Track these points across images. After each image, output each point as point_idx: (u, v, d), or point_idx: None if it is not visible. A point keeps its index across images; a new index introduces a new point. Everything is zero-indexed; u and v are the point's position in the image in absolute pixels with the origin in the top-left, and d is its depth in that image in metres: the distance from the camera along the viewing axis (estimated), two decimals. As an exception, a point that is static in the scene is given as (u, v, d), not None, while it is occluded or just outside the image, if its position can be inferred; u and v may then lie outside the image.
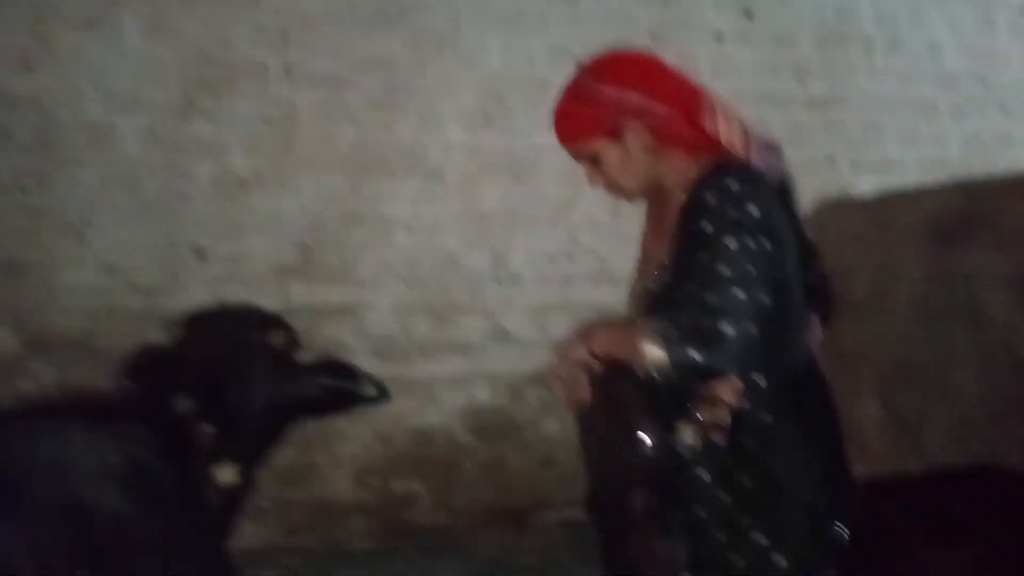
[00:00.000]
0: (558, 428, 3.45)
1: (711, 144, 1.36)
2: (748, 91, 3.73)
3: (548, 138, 2.91)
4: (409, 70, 3.28)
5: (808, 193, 3.43)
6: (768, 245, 1.27)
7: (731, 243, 1.24)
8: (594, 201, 1.63)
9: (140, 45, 2.98)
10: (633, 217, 1.51)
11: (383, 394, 1.80)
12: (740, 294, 1.22)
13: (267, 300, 3.07)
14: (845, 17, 3.87)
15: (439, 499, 3.37)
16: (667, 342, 1.22)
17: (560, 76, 1.42)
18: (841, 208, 2.93)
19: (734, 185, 1.28)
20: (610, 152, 1.40)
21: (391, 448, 3.33)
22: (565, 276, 3.50)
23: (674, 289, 1.33)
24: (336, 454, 3.26)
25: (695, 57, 3.66)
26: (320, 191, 3.19)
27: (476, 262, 3.40)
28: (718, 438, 1.37)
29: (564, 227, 3.49)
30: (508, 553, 3.08)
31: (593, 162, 1.42)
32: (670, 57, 1.43)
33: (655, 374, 1.24)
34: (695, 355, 1.21)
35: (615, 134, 1.38)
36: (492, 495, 3.43)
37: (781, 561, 1.34)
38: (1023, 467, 1.80)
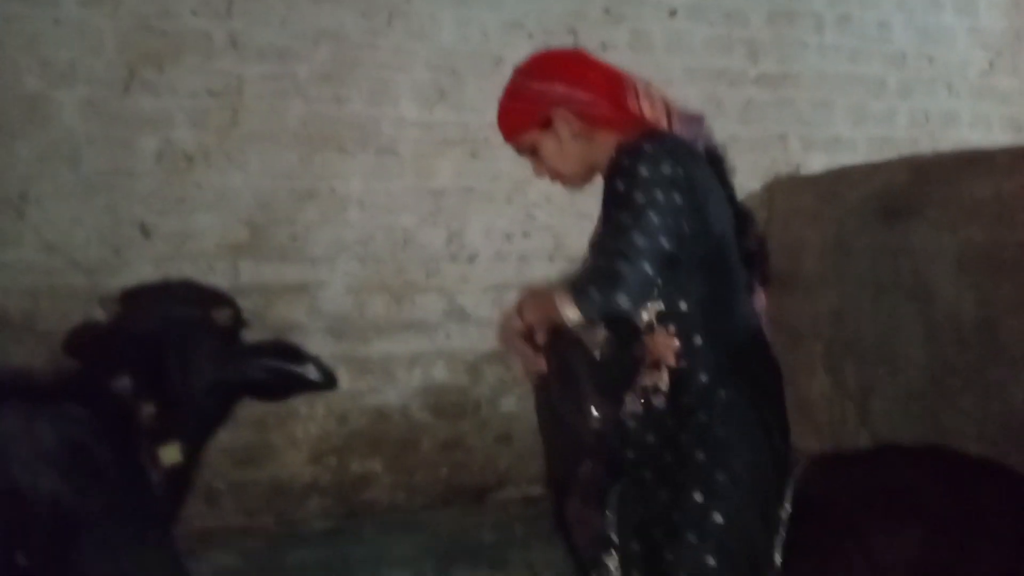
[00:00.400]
0: (516, 405, 3.49)
1: (636, 122, 1.49)
2: (700, 68, 3.80)
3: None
4: (360, 43, 3.25)
5: (759, 170, 3.56)
6: (679, 200, 1.37)
7: (638, 196, 1.35)
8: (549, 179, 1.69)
9: (78, 14, 2.89)
10: (588, 195, 1.57)
11: (329, 380, 1.80)
12: (638, 239, 1.33)
13: (216, 278, 3.06)
14: (795, -6, 3.96)
15: (397, 478, 3.39)
16: (574, 292, 1.32)
17: (514, 51, 1.47)
18: (791, 185, 3.00)
19: (648, 148, 1.40)
20: (545, 141, 1.53)
21: (348, 427, 3.33)
22: (521, 254, 3.53)
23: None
24: (292, 434, 3.25)
25: (648, 33, 3.70)
26: (269, 167, 3.15)
27: (432, 240, 3.41)
28: (658, 401, 1.45)
29: (520, 204, 3.52)
30: (467, 530, 3.11)
31: (533, 154, 1.55)
32: (623, 34, 1.48)
33: (575, 326, 1.33)
34: (595, 295, 1.31)
35: (546, 124, 1.51)
36: (450, 473, 3.46)
37: (718, 518, 1.39)
38: (967, 439, 1.88)
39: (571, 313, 1.32)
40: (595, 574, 1.51)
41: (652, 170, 1.36)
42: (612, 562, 1.48)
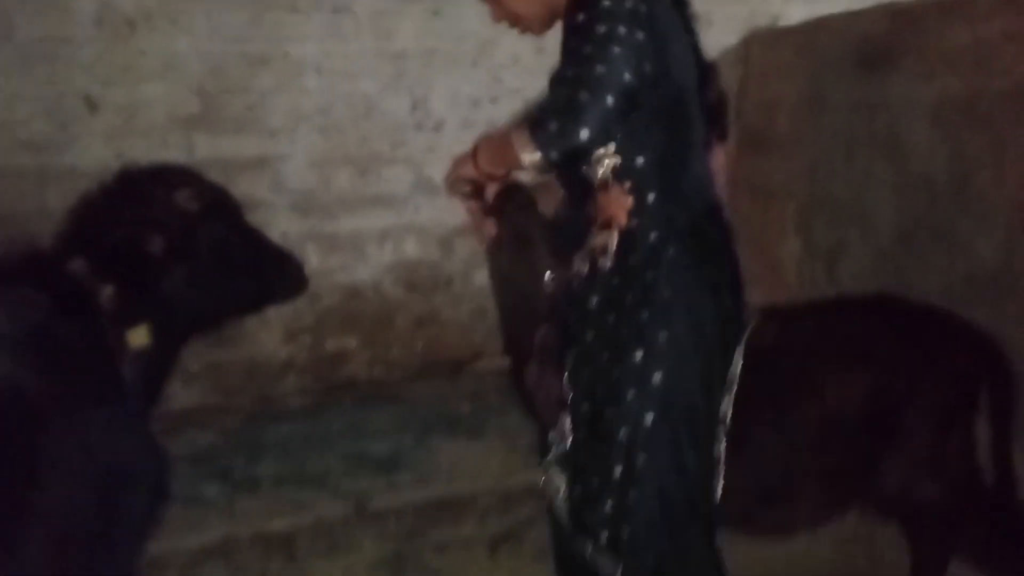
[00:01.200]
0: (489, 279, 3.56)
1: None
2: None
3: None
4: None
5: (737, 22, 3.48)
6: (640, 36, 1.35)
7: (600, 27, 1.32)
8: (517, 38, 1.63)
9: None
10: (558, 55, 1.50)
11: (298, 286, 1.78)
12: (600, 68, 1.30)
13: (171, 153, 2.99)
14: None
15: (373, 354, 3.47)
16: (531, 127, 1.31)
17: None
18: (769, 38, 2.97)
19: None
20: None
21: (321, 305, 3.37)
22: (490, 120, 3.46)
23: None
24: (264, 314, 3.25)
25: None
26: (217, 30, 2.99)
27: (395, 107, 3.33)
28: (605, 262, 1.46)
29: (487, 67, 3.43)
30: (444, 401, 3.22)
31: (494, 4, 1.50)
32: None
33: (535, 165, 1.33)
34: (554, 128, 1.29)
35: None
36: (426, 347, 3.56)
37: (658, 377, 1.43)
38: (932, 294, 1.97)
39: (528, 153, 1.30)
40: (552, 434, 1.57)
41: (615, 4, 1.33)
42: (567, 423, 1.54)
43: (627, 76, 1.31)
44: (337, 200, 3.33)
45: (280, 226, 3.20)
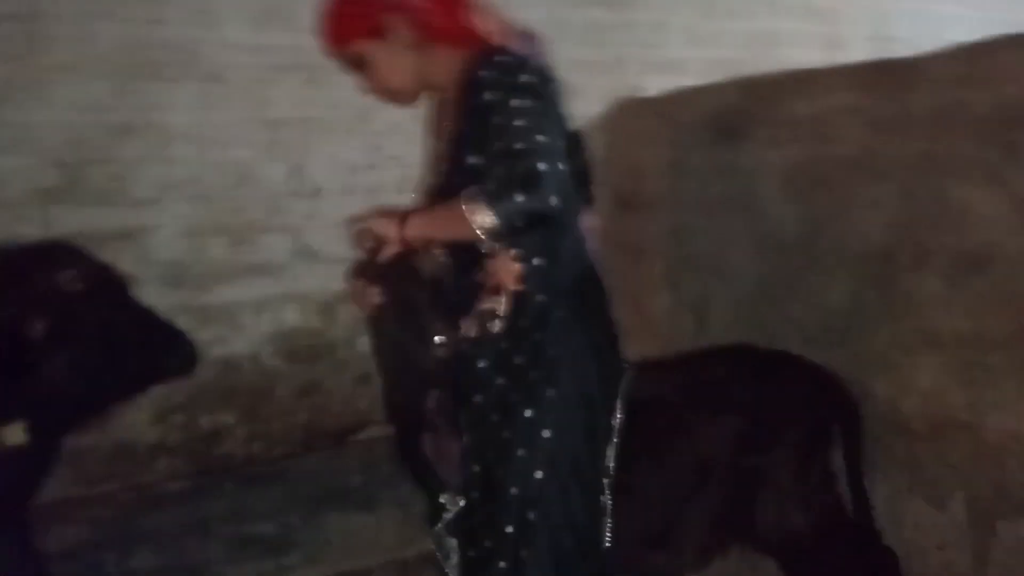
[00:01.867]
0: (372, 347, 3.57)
1: (472, 37, 1.52)
2: (543, -12, 3.90)
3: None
4: (175, -45, 3.07)
5: (602, 92, 3.73)
6: (548, 107, 1.44)
7: (517, 102, 1.40)
8: (395, 106, 1.71)
9: None
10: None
11: (188, 363, 1.75)
12: (541, 138, 1.37)
13: (28, 228, 2.86)
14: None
15: (252, 429, 3.38)
16: (490, 199, 1.34)
17: None
18: (631, 107, 3.18)
19: (504, 60, 1.45)
20: (376, 52, 1.51)
21: (194, 381, 3.25)
22: (369, 186, 3.53)
23: (466, 161, 1.46)
24: (131, 393, 3.15)
25: None
26: (77, 100, 2.94)
27: (271, 174, 3.34)
28: (493, 325, 1.51)
29: (364, 134, 3.50)
30: (331, 474, 3.17)
31: (361, 66, 1.54)
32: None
33: (487, 236, 1.36)
34: (520, 199, 1.33)
35: (379, 32, 1.50)
36: (310, 418, 3.50)
37: (547, 432, 1.49)
38: (792, 341, 2.17)
39: (484, 221, 1.33)
40: (445, 498, 1.58)
41: (516, 80, 1.41)
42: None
43: (562, 143, 1.41)
44: (210, 270, 3.27)
45: (148, 299, 3.08)
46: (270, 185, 3.33)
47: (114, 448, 3.11)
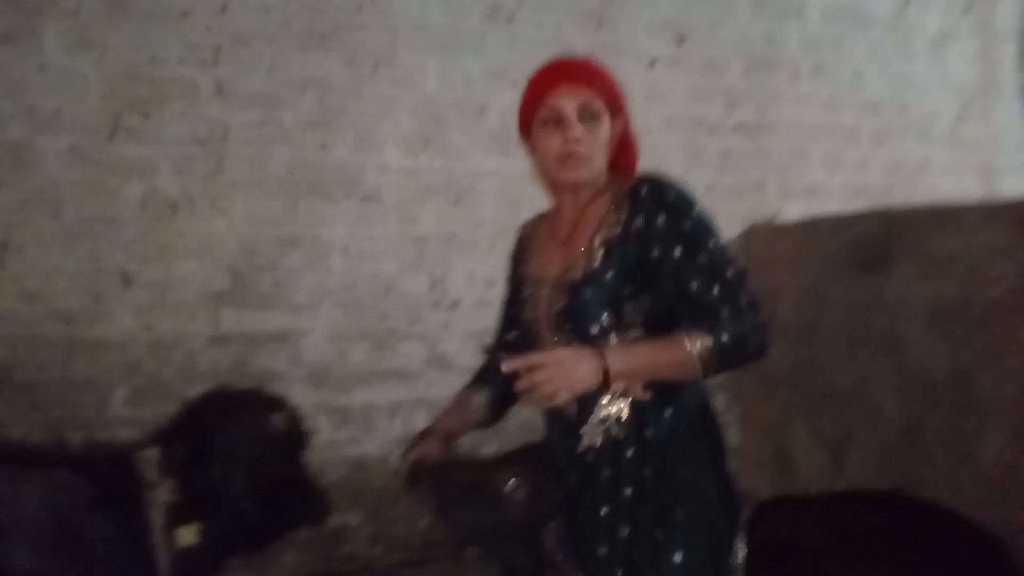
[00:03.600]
0: (495, 453, 3.64)
1: (627, 165, 1.64)
2: (680, 116, 4.06)
3: (486, 161, 3.09)
4: (345, 90, 3.43)
5: (737, 217, 3.80)
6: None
7: (715, 240, 1.49)
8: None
9: (63, 60, 3.03)
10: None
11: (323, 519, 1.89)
12: (749, 291, 1.48)
13: (197, 327, 3.19)
14: (772, 44, 4.25)
15: (377, 530, 3.49)
16: (725, 350, 1.44)
17: (498, 99, 1.57)
18: (768, 233, 3.22)
19: (686, 195, 1.53)
20: (604, 123, 1.58)
21: (326, 479, 3.40)
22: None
23: (655, 286, 1.51)
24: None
25: (628, 81, 3.86)
26: (253, 214, 3.30)
27: (414, 286, 3.57)
28: (618, 431, 1.52)
29: (502, 251, 3.64)
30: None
31: (589, 119, 1.56)
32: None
33: (703, 369, 1.45)
34: (751, 350, 1.45)
35: (613, 113, 1.59)
36: (429, 525, 3.57)
37: (677, 557, 1.48)
38: (940, 490, 2.06)
39: (708, 353, 1.43)
40: None
41: (696, 210, 1.50)
42: None
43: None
44: (352, 373, 3.48)
45: (294, 398, 3.30)
46: (413, 296, 3.56)
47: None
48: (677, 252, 1.48)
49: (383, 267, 3.51)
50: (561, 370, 1.40)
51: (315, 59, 3.38)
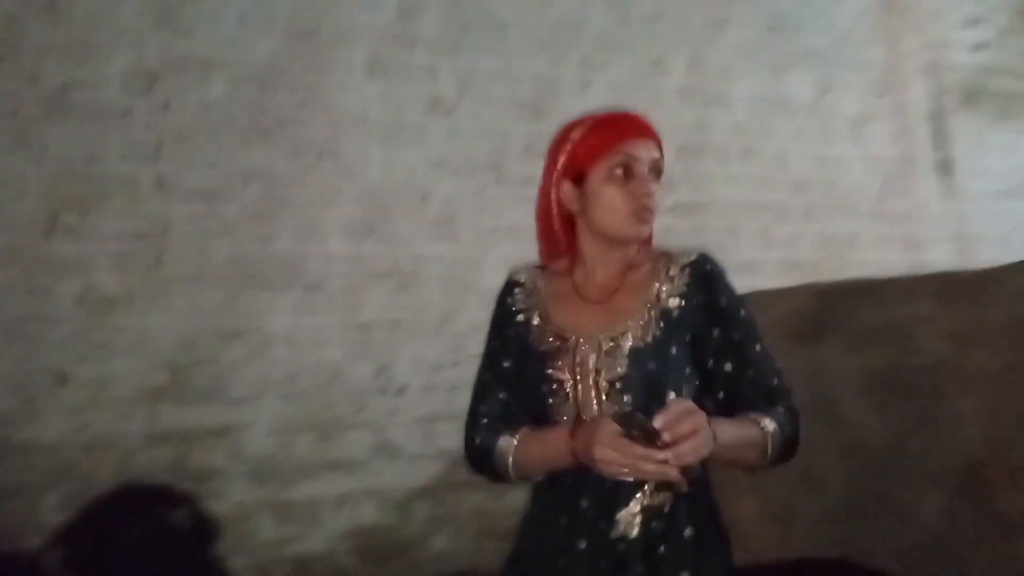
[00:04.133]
0: (447, 544, 3.57)
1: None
2: (619, 198, 4.19)
3: (430, 246, 3.11)
4: (288, 181, 3.48)
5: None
6: None
7: (747, 313, 1.53)
8: (477, 307, 1.84)
9: (1, 160, 3.02)
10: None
11: None
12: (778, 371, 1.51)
13: (134, 425, 3.11)
14: (702, 130, 4.46)
15: (322, 632, 3.37)
16: (787, 440, 1.46)
17: (439, 186, 1.59)
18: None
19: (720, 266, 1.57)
20: (662, 179, 1.55)
21: (268, 579, 3.31)
22: (450, 384, 3.69)
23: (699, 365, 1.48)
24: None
25: None
26: (193, 307, 3.27)
27: (359, 374, 3.55)
28: (658, 526, 1.40)
29: (448, 334, 3.72)
30: None
31: (656, 178, 1.54)
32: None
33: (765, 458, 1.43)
34: (795, 450, 1.47)
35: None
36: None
37: None
38: (884, 556, 2.10)
39: (773, 451, 1.42)
40: None
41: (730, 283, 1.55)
42: None
43: None
44: (296, 466, 3.41)
45: (235, 495, 3.25)
46: (358, 384, 3.54)
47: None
48: (737, 336, 1.48)
49: (327, 355, 3.49)
50: (705, 436, 1.27)
51: (258, 152, 3.43)
